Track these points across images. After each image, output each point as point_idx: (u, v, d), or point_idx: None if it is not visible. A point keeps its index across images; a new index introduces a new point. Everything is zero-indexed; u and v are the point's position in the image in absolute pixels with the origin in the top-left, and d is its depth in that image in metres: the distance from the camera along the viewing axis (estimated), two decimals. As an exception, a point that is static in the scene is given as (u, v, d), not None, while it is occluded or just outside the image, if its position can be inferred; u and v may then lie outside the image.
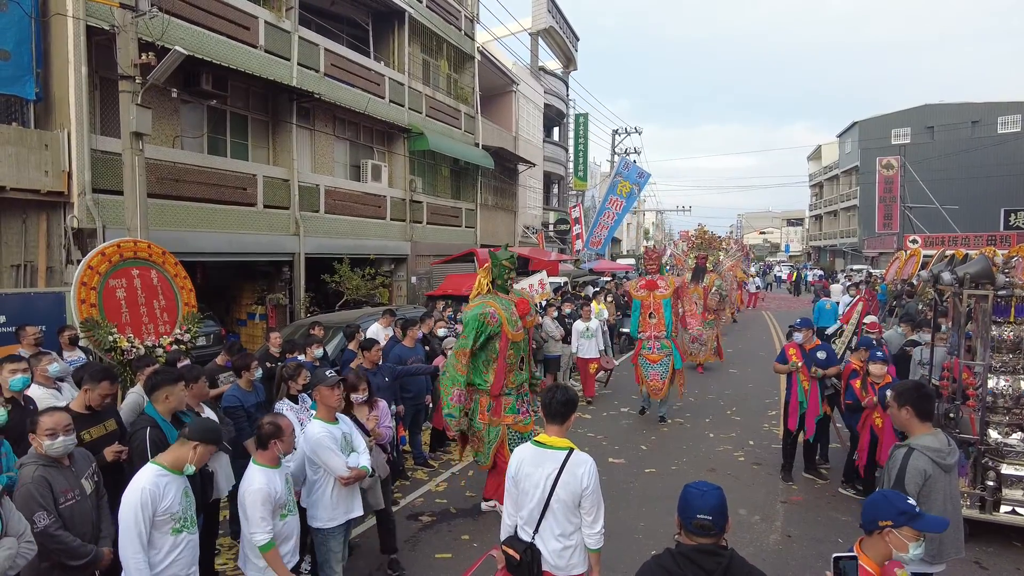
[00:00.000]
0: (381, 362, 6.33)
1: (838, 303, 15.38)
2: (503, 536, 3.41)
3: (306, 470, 3.96)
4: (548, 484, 3.16)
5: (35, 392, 4.71)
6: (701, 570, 2.18)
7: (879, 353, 6.17)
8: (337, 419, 4.08)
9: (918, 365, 7.05)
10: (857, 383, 6.27)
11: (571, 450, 3.20)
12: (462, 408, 5.75)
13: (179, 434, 3.25)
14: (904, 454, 3.21)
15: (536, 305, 12.45)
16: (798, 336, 7.00)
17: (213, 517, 4.62)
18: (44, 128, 9.21)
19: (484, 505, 6.13)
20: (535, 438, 3.36)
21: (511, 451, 5.23)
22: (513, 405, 5.90)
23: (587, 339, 10.26)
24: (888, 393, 5.27)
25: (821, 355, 6.81)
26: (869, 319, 9.38)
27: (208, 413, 4.49)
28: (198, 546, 3.27)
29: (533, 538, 3.25)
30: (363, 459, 4.09)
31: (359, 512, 4.15)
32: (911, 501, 2.42)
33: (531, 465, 3.24)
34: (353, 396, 4.53)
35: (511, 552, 3.26)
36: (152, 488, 2.97)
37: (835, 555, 2.39)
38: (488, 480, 6.13)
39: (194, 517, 3.23)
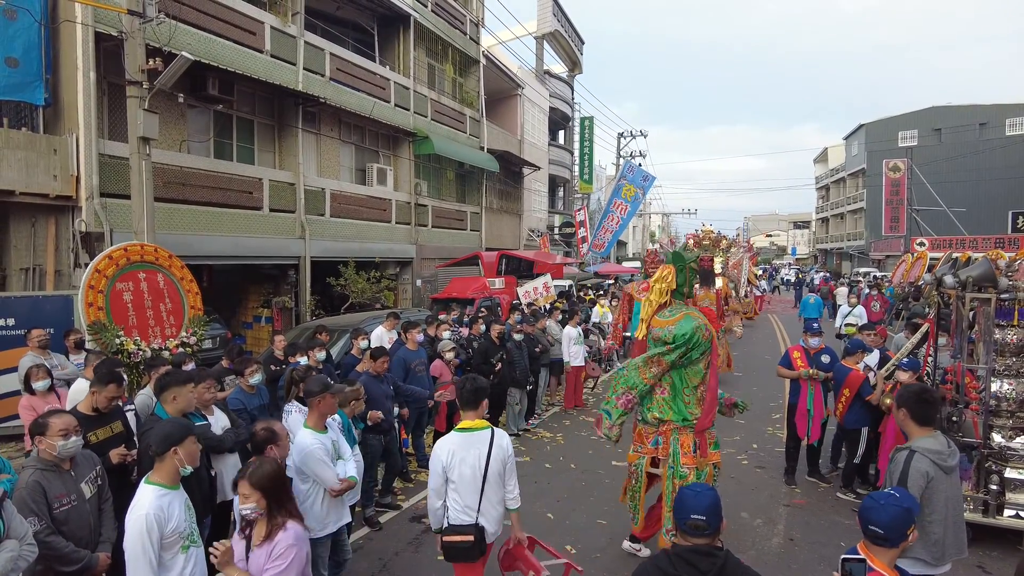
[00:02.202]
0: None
1: (841, 305, 15.38)
2: (434, 526, 3.73)
3: (295, 480, 3.85)
4: (483, 461, 3.58)
5: (82, 385, 4.90)
6: (696, 570, 2.20)
7: (906, 360, 6.13)
8: (326, 427, 4.06)
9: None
10: (845, 392, 6.30)
11: (492, 428, 3.71)
12: (625, 412, 4.72)
13: (151, 454, 3.09)
14: (905, 457, 3.21)
15: (542, 307, 12.52)
16: (813, 341, 6.95)
17: (223, 519, 4.63)
18: (53, 133, 9.32)
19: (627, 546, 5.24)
20: (459, 426, 3.70)
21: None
22: (718, 437, 4.89)
23: (578, 345, 9.97)
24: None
25: (825, 359, 6.80)
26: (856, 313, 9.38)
27: (218, 415, 4.53)
28: (205, 559, 3.13)
29: (476, 518, 3.57)
30: (350, 467, 4.07)
31: (348, 519, 4.14)
32: (897, 495, 2.46)
33: (463, 450, 3.59)
34: (240, 507, 2.94)
35: (461, 538, 3.54)
36: (156, 512, 2.82)
37: (843, 556, 2.39)
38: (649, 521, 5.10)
39: (197, 529, 3.15)
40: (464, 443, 3.60)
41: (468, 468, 3.56)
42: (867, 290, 16.97)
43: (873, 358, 7.01)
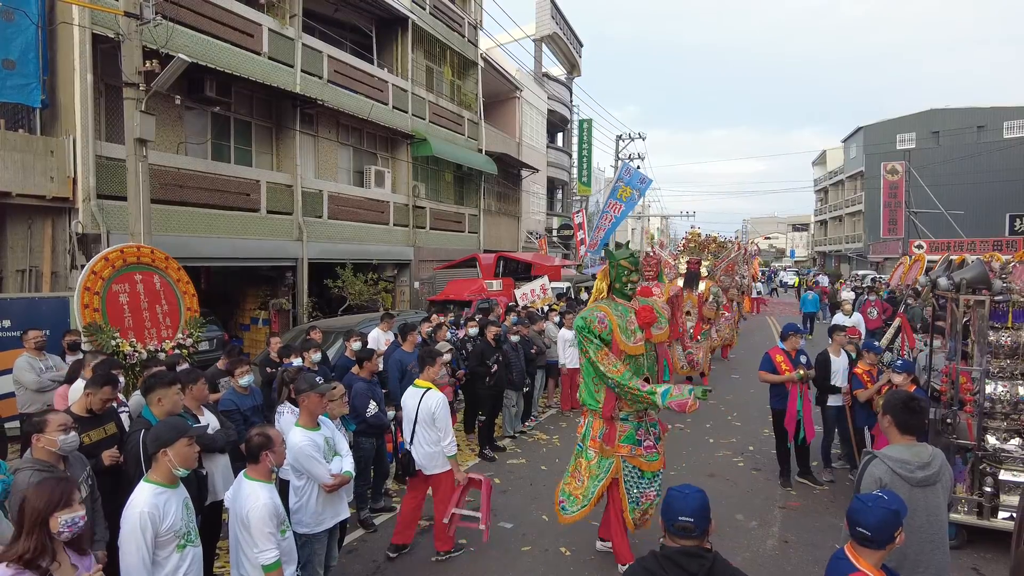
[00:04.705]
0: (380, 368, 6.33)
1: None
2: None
3: (291, 476, 3.96)
4: (414, 409, 4.96)
5: (82, 385, 4.86)
6: (684, 572, 2.20)
7: (900, 362, 6.14)
8: (319, 424, 4.09)
9: (921, 370, 7.03)
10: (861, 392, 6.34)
11: (429, 389, 5.00)
12: (654, 387, 4.65)
13: (148, 454, 3.12)
14: (866, 461, 3.18)
15: (540, 309, 12.50)
16: (802, 342, 6.98)
17: (214, 520, 4.63)
18: (50, 134, 9.32)
19: (599, 545, 5.37)
20: (414, 382, 5.12)
21: (627, 492, 4.86)
22: (631, 433, 4.86)
23: (573, 347, 9.62)
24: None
25: (803, 359, 6.85)
26: (852, 321, 9.46)
27: (208, 416, 4.52)
28: (202, 558, 3.17)
29: (410, 446, 5.07)
30: (347, 463, 4.12)
31: (346, 515, 4.19)
32: (885, 496, 2.46)
33: (409, 399, 5.09)
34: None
35: (401, 454, 5.21)
36: (151, 510, 2.84)
37: None
38: (616, 543, 5.07)
39: (196, 529, 3.15)
40: (411, 394, 5.09)
41: (408, 411, 5.06)
42: (864, 295, 16.87)
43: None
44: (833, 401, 6.95)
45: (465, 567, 5.11)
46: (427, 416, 4.83)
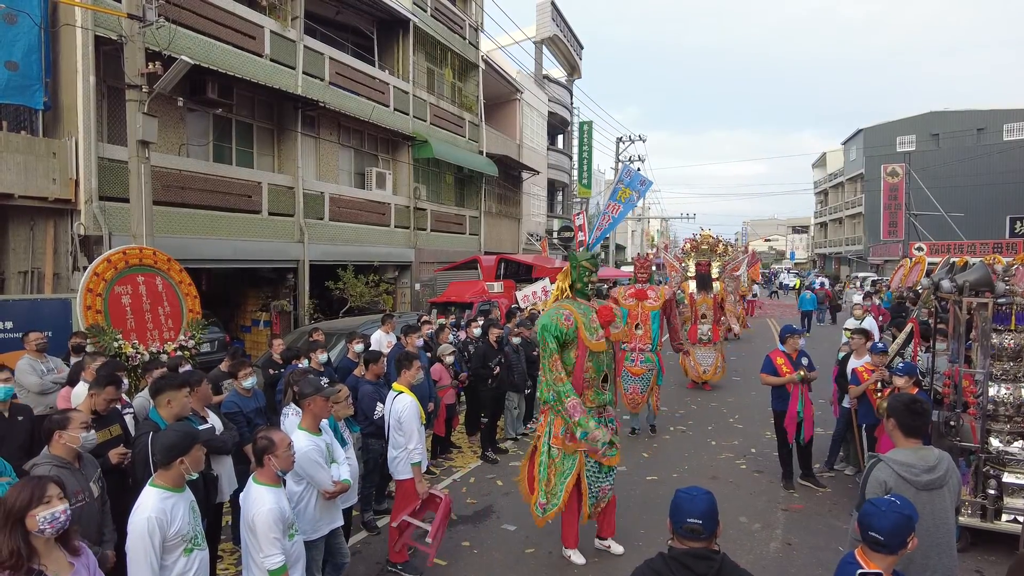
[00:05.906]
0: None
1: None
2: None
3: (289, 482, 3.87)
4: (387, 411, 4.99)
5: (83, 388, 4.88)
6: (692, 573, 2.20)
7: (901, 365, 6.13)
8: (321, 429, 4.05)
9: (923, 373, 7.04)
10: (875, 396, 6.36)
11: (400, 392, 4.92)
12: (587, 417, 4.81)
13: (155, 463, 3.07)
14: (871, 464, 3.16)
15: (540, 311, 12.49)
16: (802, 341, 7.00)
17: (216, 522, 4.63)
18: (52, 136, 9.33)
19: (566, 552, 5.23)
20: (392, 385, 5.02)
21: (590, 487, 5.01)
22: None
23: None
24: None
25: (804, 360, 6.85)
26: (866, 325, 9.44)
27: (213, 419, 4.52)
28: (208, 562, 3.15)
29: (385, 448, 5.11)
30: (344, 471, 4.07)
31: (340, 522, 4.15)
32: (898, 501, 2.44)
33: (387, 401, 5.05)
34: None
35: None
36: (158, 515, 2.81)
37: (860, 572, 2.36)
38: (564, 525, 5.20)
39: (202, 532, 3.13)
40: (390, 397, 5.02)
41: (385, 412, 5.07)
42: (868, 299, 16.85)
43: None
44: (847, 401, 6.98)
45: (468, 569, 5.10)
46: (394, 418, 4.84)
